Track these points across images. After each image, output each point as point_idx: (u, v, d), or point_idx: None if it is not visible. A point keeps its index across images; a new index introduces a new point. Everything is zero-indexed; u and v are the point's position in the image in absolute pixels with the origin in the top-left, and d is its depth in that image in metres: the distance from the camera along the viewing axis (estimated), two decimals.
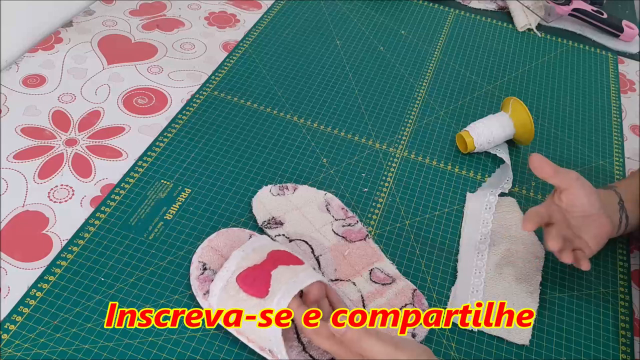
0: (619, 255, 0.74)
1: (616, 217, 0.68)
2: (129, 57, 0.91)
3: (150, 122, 0.81)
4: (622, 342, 0.65)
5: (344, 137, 0.84)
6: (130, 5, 1.02)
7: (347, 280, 0.65)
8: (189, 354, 0.58)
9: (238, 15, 1.04)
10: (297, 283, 0.56)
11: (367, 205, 0.75)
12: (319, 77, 0.93)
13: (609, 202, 0.69)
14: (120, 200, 0.70)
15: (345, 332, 0.51)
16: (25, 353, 0.56)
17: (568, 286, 0.69)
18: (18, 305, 0.59)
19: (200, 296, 0.61)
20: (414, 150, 0.83)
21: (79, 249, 0.65)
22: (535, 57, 1.05)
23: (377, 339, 0.51)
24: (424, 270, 0.69)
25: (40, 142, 0.76)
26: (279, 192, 0.73)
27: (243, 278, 0.58)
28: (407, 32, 1.06)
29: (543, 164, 0.65)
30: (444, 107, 0.91)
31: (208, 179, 0.75)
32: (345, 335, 0.51)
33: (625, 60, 1.09)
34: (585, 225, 0.66)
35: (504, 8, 1.17)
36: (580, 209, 0.65)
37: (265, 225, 0.69)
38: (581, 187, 0.65)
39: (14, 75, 0.85)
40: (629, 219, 0.69)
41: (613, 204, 0.69)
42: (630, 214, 0.69)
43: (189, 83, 0.88)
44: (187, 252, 0.66)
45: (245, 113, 0.85)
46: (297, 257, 0.60)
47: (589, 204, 0.65)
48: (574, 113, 0.94)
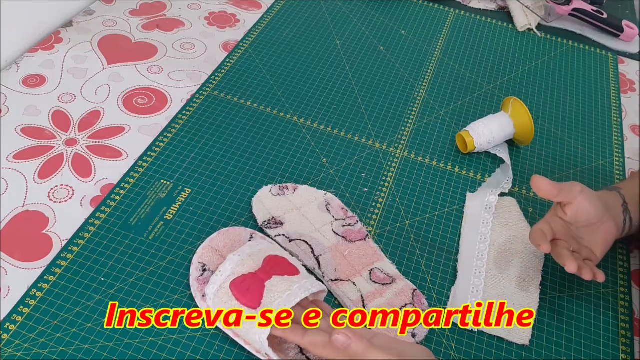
0: (619, 255, 0.74)
1: (620, 219, 0.68)
2: (129, 57, 0.91)
3: (150, 122, 0.81)
4: (622, 342, 0.65)
5: (344, 137, 0.84)
6: (130, 5, 1.02)
7: (347, 280, 0.65)
8: (189, 354, 0.58)
9: (238, 15, 1.04)
10: (290, 296, 0.56)
11: (367, 205, 0.75)
12: (319, 77, 0.93)
13: (613, 205, 0.68)
14: (120, 200, 0.70)
15: (349, 344, 0.50)
16: (25, 353, 0.56)
17: (568, 286, 0.69)
18: (18, 305, 0.59)
19: (199, 297, 0.61)
20: (414, 150, 0.83)
21: (79, 249, 0.65)
22: (535, 57, 1.05)
23: (380, 350, 0.50)
24: (424, 270, 0.69)
25: (40, 142, 0.76)
26: (279, 192, 0.73)
27: (237, 285, 0.58)
28: (407, 32, 1.06)
29: (545, 185, 0.64)
30: (444, 107, 0.91)
31: (208, 179, 0.75)
32: (349, 348, 0.50)
33: (625, 60, 1.09)
34: (590, 233, 0.66)
35: (504, 8, 1.17)
36: (586, 219, 0.65)
37: (265, 225, 0.69)
38: (586, 198, 0.64)
39: (14, 75, 0.85)
40: (632, 220, 0.69)
41: (617, 207, 0.68)
42: (633, 215, 0.69)
43: (189, 83, 0.88)
44: (187, 252, 0.66)
45: (245, 113, 0.85)
46: (294, 266, 0.60)
47: (595, 214, 0.65)
48: (574, 113, 0.94)
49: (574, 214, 0.65)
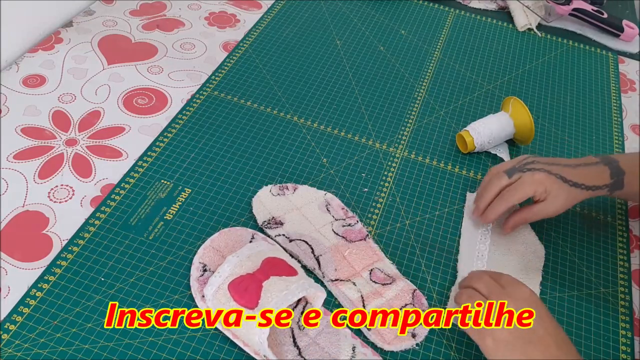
0: (619, 255, 0.74)
1: (588, 194, 0.69)
2: (129, 57, 0.91)
3: (150, 122, 0.81)
4: (622, 342, 0.65)
5: (344, 137, 0.84)
6: (130, 5, 1.02)
7: (347, 280, 0.65)
8: (189, 354, 0.58)
9: (238, 15, 1.04)
10: (287, 295, 0.56)
11: (367, 205, 0.75)
12: (319, 77, 0.93)
13: (590, 179, 0.69)
14: (120, 200, 0.70)
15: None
16: (25, 353, 0.56)
17: (568, 286, 0.69)
18: (18, 305, 0.59)
19: (199, 298, 0.61)
20: (414, 150, 0.83)
21: (79, 249, 0.65)
22: (535, 57, 1.05)
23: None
24: (424, 270, 0.69)
25: (40, 142, 0.76)
26: (279, 192, 0.73)
27: (235, 286, 0.58)
28: (407, 32, 1.06)
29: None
30: (444, 107, 0.91)
31: (208, 179, 0.75)
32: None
33: (625, 60, 1.09)
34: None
35: (504, 8, 1.17)
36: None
37: (265, 225, 0.69)
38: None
39: (14, 75, 0.85)
40: (626, 189, 0.70)
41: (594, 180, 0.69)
42: (628, 184, 0.70)
43: (189, 83, 0.88)
44: (187, 252, 0.66)
45: (245, 113, 0.85)
46: (292, 267, 0.60)
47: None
48: (574, 113, 0.94)
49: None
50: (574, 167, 0.69)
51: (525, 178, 0.68)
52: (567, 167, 0.69)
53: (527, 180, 0.67)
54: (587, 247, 0.74)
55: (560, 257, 0.72)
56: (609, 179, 0.69)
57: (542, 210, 0.68)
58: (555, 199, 0.67)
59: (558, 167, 0.69)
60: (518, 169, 0.69)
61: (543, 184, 0.67)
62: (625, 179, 0.70)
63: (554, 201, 0.67)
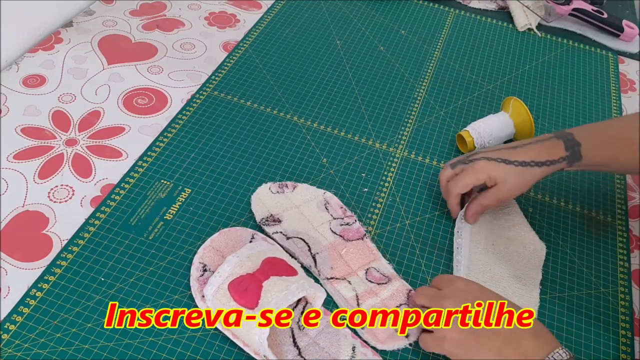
0: (619, 255, 0.74)
1: (544, 170, 0.69)
2: (129, 57, 0.91)
3: (150, 122, 0.81)
4: (622, 342, 0.65)
5: (344, 137, 0.84)
6: (130, 5, 1.02)
7: (343, 278, 0.65)
8: (189, 354, 0.58)
9: (238, 15, 1.04)
10: (287, 295, 0.56)
11: (367, 205, 0.75)
12: (319, 77, 0.93)
13: (543, 155, 0.69)
14: (120, 200, 0.70)
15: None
16: (25, 353, 0.56)
17: (568, 286, 0.69)
18: (18, 305, 0.59)
19: (199, 298, 0.61)
20: (414, 150, 0.83)
21: (79, 249, 0.65)
22: (535, 57, 1.05)
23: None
24: (423, 270, 0.69)
25: (40, 142, 0.76)
26: (278, 189, 0.73)
27: (235, 286, 0.58)
28: (407, 32, 1.06)
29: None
30: (444, 107, 0.91)
31: (208, 179, 0.75)
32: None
33: (625, 60, 1.09)
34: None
35: (504, 8, 1.17)
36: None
37: (263, 222, 0.69)
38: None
39: (14, 75, 0.85)
40: (585, 160, 0.70)
41: (547, 155, 0.69)
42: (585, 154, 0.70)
43: (189, 83, 0.88)
44: (187, 252, 0.66)
45: (245, 113, 0.85)
46: (292, 267, 0.60)
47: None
48: (574, 113, 0.94)
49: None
50: (522, 147, 0.70)
51: (466, 168, 0.70)
52: (513, 149, 0.70)
53: (468, 169, 0.70)
54: (587, 247, 0.74)
55: (560, 257, 0.72)
56: (564, 152, 0.69)
57: (494, 193, 0.69)
58: (504, 181, 0.68)
59: (500, 151, 0.70)
60: (461, 161, 0.71)
61: (484, 171, 0.68)
62: (582, 150, 0.69)
63: (504, 183, 0.68)
